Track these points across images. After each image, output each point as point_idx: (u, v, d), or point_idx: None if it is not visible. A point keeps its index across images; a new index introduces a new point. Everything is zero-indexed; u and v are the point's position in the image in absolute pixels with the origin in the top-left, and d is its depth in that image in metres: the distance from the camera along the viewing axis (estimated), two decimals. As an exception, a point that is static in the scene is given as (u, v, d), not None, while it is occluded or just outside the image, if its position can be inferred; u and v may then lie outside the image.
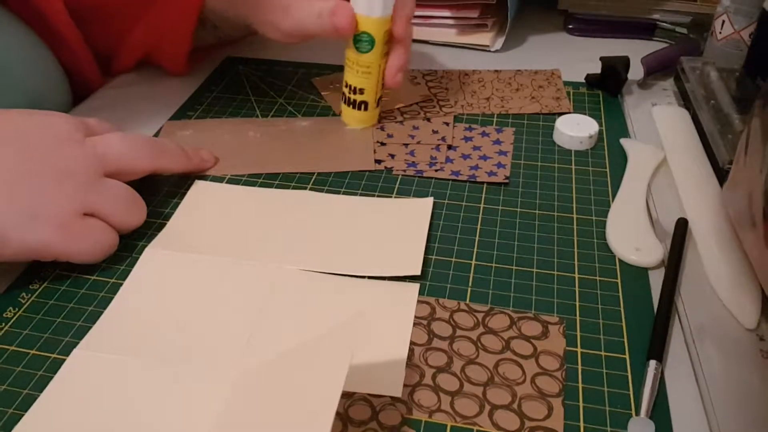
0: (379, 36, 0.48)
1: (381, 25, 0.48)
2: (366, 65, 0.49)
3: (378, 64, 0.49)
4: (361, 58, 0.49)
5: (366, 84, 0.50)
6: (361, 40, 0.48)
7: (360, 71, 0.50)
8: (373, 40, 0.48)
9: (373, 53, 0.48)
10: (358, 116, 0.52)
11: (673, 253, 0.40)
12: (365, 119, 0.52)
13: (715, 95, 0.53)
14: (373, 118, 0.53)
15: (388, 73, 0.50)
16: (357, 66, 0.49)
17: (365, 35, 0.48)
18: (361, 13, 0.47)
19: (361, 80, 0.50)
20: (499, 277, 0.40)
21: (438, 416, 0.32)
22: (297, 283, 0.39)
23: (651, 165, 0.48)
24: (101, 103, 0.58)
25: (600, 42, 0.68)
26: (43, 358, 0.35)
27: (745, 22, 0.56)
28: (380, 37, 0.48)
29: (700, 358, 0.34)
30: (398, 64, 0.50)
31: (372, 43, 0.48)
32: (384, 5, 0.47)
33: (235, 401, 0.32)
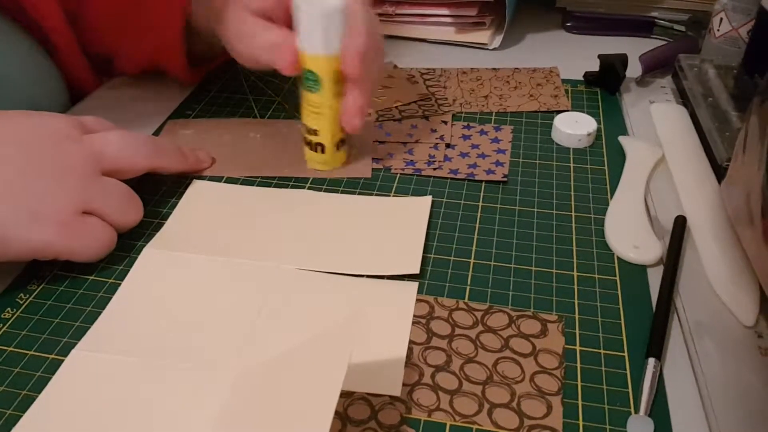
0: (327, 75, 0.43)
1: (327, 63, 0.43)
2: (316, 105, 0.45)
3: (329, 104, 0.45)
4: (311, 98, 0.45)
5: (318, 125, 0.46)
6: (308, 79, 0.44)
7: (311, 111, 0.45)
8: (318, 79, 0.43)
9: (321, 93, 0.44)
10: (316, 158, 0.48)
11: (671, 251, 0.40)
12: (325, 161, 0.48)
13: (713, 93, 0.53)
14: (335, 161, 0.48)
15: (343, 116, 0.45)
16: (308, 105, 0.45)
17: (310, 74, 0.44)
18: (304, 50, 0.43)
19: (314, 120, 0.46)
20: (497, 275, 0.40)
21: (437, 415, 0.32)
22: (295, 283, 0.39)
23: (649, 163, 0.48)
24: (99, 103, 0.58)
25: (598, 40, 0.68)
26: (42, 358, 0.35)
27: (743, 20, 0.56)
28: (328, 76, 0.43)
29: (698, 355, 0.34)
30: (354, 107, 0.45)
31: (317, 83, 0.44)
32: (325, 42, 0.42)
33: (234, 400, 0.32)
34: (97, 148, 0.41)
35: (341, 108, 0.45)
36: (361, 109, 0.45)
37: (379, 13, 0.68)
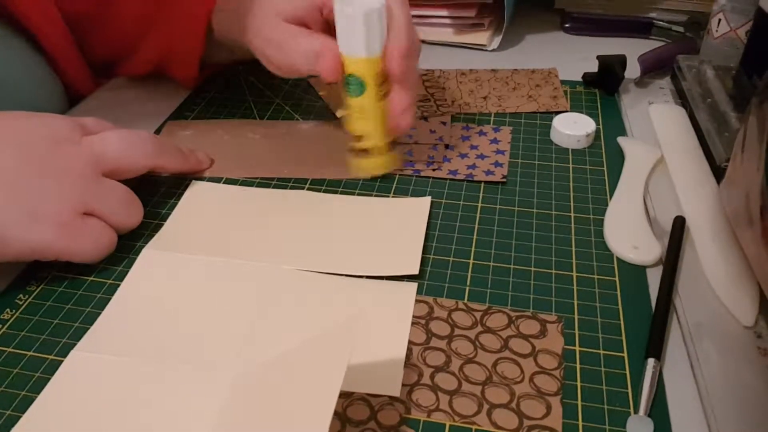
0: (369, 77, 0.43)
1: (369, 65, 0.42)
2: (360, 109, 0.44)
3: (374, 107, 0.44)
4: (354, 102, 0.44)
5: (365, 129, 0.45)
6: (350, 83, 0.43)
7: (356, 116, 0.45)
8: (362, 82, 0.43)
9: (365, 96, 0.43)
10: (364, 164, 0.47)
11: (670, 251, 0.40)
12: (373, 167, 0.47)
13: (712, 93, 0.53)
14: (382, 166, 0.47)
15: (391, 118, 0.45)
16: (352, 110, 0.45)
17: (353, 78, 0.43)
18: (346, 54, 0.42)
19: (359, 125, 0.45)
20: (497, 276, 0.40)
21: (436, 416, 0.32)
22: (295, 283, 0.39)
23: (648, 163, 0.48)
24: (98, 104, 0.58)
25: (597, 41, 0.68)
26: (41, 359, 0.35)
27: (742, 21, 0.56)
28: (370, 78, 0.43)
29: (698, 355, 0.34)
30: (400, 106, 0.44)
31: (361, 86, 0.43)
32: (367, 44, 0.42)
33: (234, 401, 0.32)
34: (96, 149, 0.41)
35: (388, 109, 0.45)
36: (409, 108, 0.45)
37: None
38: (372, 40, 0.42)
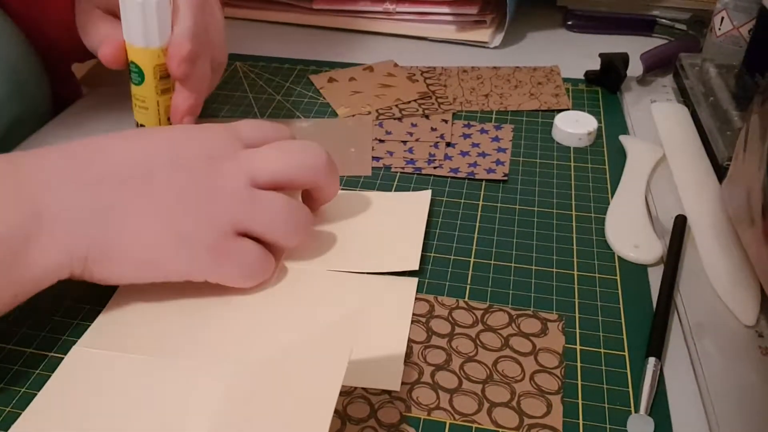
0: (149, 68, 0.43)
1: (147, 56, 0.42)
2: (141, 99, 0.44)
3: (155, 99, 0.44)
4: (136, 91, 0.44)
5: (145, 120, 0.45)
6: (132, 71, 0.44)
7: (138, 105, 0.45)
8: (141, 71, 0.43)
9: (144, 87, 0.44)
10: None
11: (672, 250, 0.40)
12: None
13: (714, 92, 0.52)
14: None
15: (172, 116, 0.44)
16: (135, 99, 0.45)
17: (133, 65, 0.43)
18: (128, 41, 0.43)
19: (140, 115, 0.45)
20: (497, 274, 0.40)
21: (437, 414, 0.32)
22: (295, 279, 0.39)
23: (650, 162, 0.48)
24: (98, 100, 0.58)
25: (599, 38, 0.68)
26: (41, 356, 0.35)
27: (744, 19, 0.56)
28: (150, 69, 0.43)
29: (699, 355, 0.34)
30: (182, 107, 0.44)
31: (141, 75, 0.43)
32: (145, 34, 0.42)
33: (234, 398, 0.32)
34: (254, 166, 0.37)
35: (171, 105, 0.45)
36: (189, 109, 0.44)
37: (379, 11, 0.68)
38: (149, 31, 0.42)
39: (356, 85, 0.59)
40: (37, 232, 0.33)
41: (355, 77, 0.60)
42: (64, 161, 0.35)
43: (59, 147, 0.36)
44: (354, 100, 0.57)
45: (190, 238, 0.35)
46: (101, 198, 0.35)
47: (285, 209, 0.37)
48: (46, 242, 0.33)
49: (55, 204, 0.34)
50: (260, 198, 0.37)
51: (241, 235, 0.36)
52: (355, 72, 0.61)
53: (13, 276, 0.33)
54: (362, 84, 0.59)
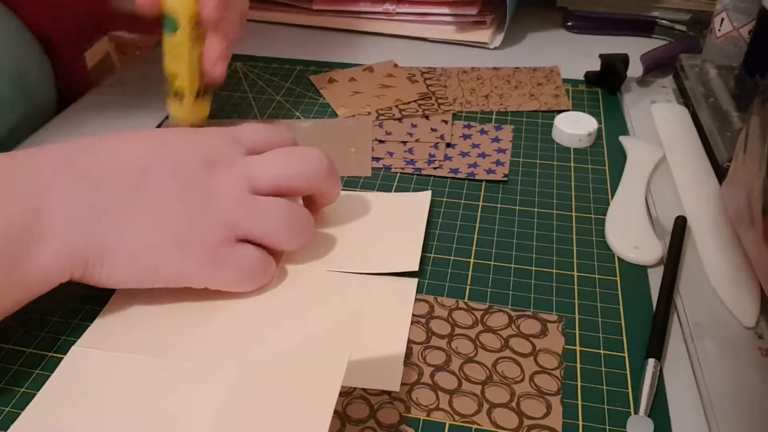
0: (183, 17, 0.44)
1: (182, 4, 0.44)
2: (175, 48, 0.45)
3: (187, 47, 0.45)
4: (169, 40, 0.45)
5: (177, 69, 0.46)
6: (166, 21, 0.45)
7: (170, 54, 0.46)
8: (175, 20, 0.44)
9: (177, 35, 0.45)
10: (177, 108, 0.48)
11: (672, 251, 0.40)
12: (185, 110, 0.48)
13: (714, 93, 0.52)
14: (194, 113, 0.48)
15: (206, 62, 0.46)
16: (167, 48, 0.46)
17: (168, 15, 0.44)
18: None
19: (172, 65, 0.46)
20: (497, 275, 0.40)
21: (436, 414, 0.32)
22: (295, 280, 0.39)
23: (650, 163, 0.48)
24: (99, 99, 0.58)
25: (599, 39, 0.68)
26: (40, 356, 0.35)
27: (744, 20, 0.56)
28: (184, 18, 0.44)
29: (698, 356, 0.34)
30: (214, 53, 0.45)
31: (174, 24, 0.44)
32: None
33: (234, 398, 0.32)
34: (254, 172, 0.37)
35: (204, 54, 0.46)
36: (221, 55, 0.45)
37: (379, 12, 0.68)
38: None
39: (356, 85, 0.59)
40: (39, 232, 0.33)
41: (355, 78, 0.60)
42: (62, 160, 0.35)
43: (57, 146, 0.36)
44: (354, 100, 0.57)
45: (188, 244, 0.35)
46: (101, 198, 0.35)
47: (285, 213, 0.37)
48: (47, 243, 0.33)
49: (56, 203, 0.34)
50: (260, 203, 0.37)
51: (240, 240, 0.36)
52: (355, 72, 0.61)
53: (16, 279, 0.33)
54: (362, 84, 0.59)
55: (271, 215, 0.37)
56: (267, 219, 0.37)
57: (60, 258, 0.33)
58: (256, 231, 0.37)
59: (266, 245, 0.37)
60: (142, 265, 0.35)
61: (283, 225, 0.37)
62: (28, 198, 0.33)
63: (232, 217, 0.36)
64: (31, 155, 0.36)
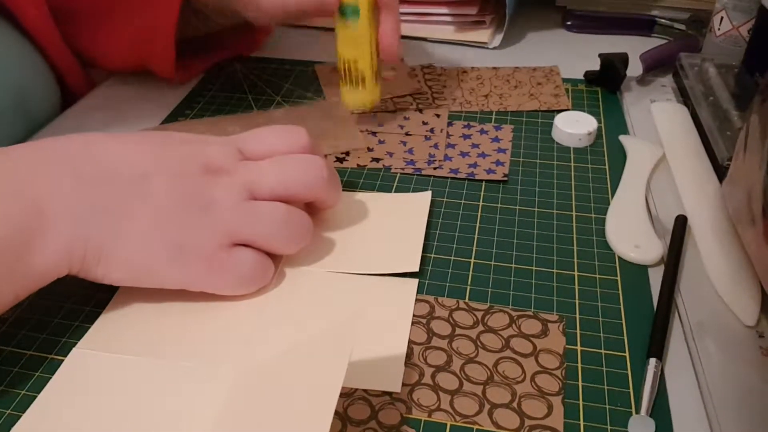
0: (364, 3, 0.47)
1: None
2: (355, 36, 0.48)
3: (368, 33, 0.48)
4: (350, 28, 0.47)
5: (358, 54, 0.48)
6: (346, 10, 0.47)
7: (351, 43, 0.48)
8: (356, 8, 0.47)
9: (360, 22, 0.47)
10: (357, 95, 0.50)
11: (672, 251, 0.40)
12: (365, 97, 0.50)
13: (714, 92, 0.52)
14: (373, 96, 0.51)
15: (384, 41, 0.48)
16: (347, 38, 0.48)
17: (349, 5, 0.47)
18: None
19: (353, 51, 0.48)
20: (498, 275, 0.40)
21: (437, 415, 0.32)
22: (295, 281, 0.39)
23: (650, 162, 0.48)
24: (97, 102, 0.58)
25: (598, 39, 0.68)
26: (41, 358, 0.35)
27: (744, 18, 0.56)
28: (365, 3, 0.47)
29: (700, 355, 0.34)
30: (391, 30, 0.48)
31: (356, 11, 0.47)
32: None
33: (234, 399, 0.32)
34: (252, 180, 0.37)
35: (380, 35, 0.48)
36: (396, 31, 0.48)
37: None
38: None
39: None
40: (39, 227, 0.33)
41: None
42: (63, 158, 0.35)
43: (58, 142, 0.36)
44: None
45: (185, 249, 0.35)
46: (101, 198, 0.35)
47: (284, 218, 0.37)
48: (47, 238, 0.33)
49: (56, 199, 0.34)
50: (258, 208, 0.37)
51: (238, 245, 0.36)
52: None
53: (16, 273, 0.33)
54: None
55: (269, 220, 0.37)
56: (265, 224, 0.37)
57: (59, 254, 0.34)
58: (255, 236, 0.37)
59: (265, 250, 0.37)
60: (138, 266, 0.35)
61: (282, 229, 0.37)
62: (28, 195, 0.33)
63: (230, 224, 0.36)
64: (28, 149, 0.36)
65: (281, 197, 0.38)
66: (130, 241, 0.35)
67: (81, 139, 0.36)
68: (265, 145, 0.40)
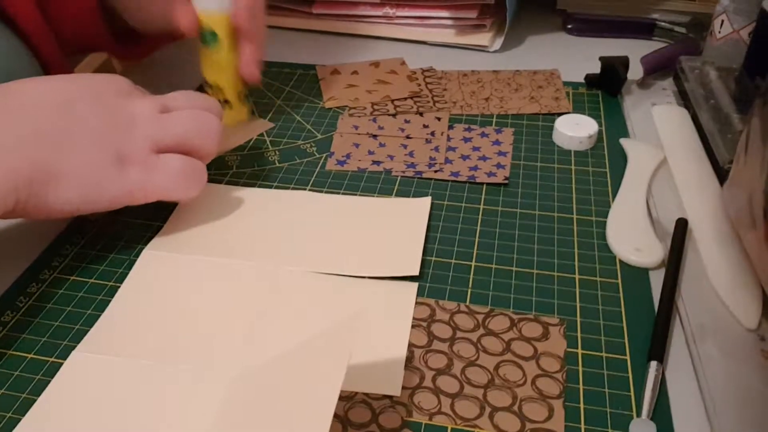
0: (222, 30, 0.48)
1: (221, 19, 0.48)
2: (216, 61, 0.49)
3: (228, 59, 0.49)
4: (211, 55, 0.49)
5: (220, 79, 0.50)
6: (205, 37, 0.48)
7: (213, 68, 0.50)
8: (215, 35, 0.48)
9: (219, 49, 0.48)
10: (225, 113, 0.50)
11: (673, 254, 0.40)
12: (232, 116, 0.52)
13: (715, 95, 0.52)
14: (240, 114, 0.53)
15: (242, 68, 0.50)
16: (209, 62, 0.50)
17: (208, 31, 0.48)
18: (201, 9, 0.48)
19: (216, 76, 0.50)
20: (499, 278, 0.40)
21: (438, 418, 0.32)
22: (295, 284, 0.39)
23: (651, 165, 0.48)
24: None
25: (599, 42, 0.68)
26: (41, 361, 0.35)
27: (744, 22, 0.56)
28: (224, 31, 0.48)
29: (701, 358, 0.34)
30: (250, 58, 0.49)
31: (215, 38, 0.48)
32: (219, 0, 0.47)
33: (234, 402, 0.32)
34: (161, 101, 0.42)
35: (240, 61, 0.50)
36: (257, 60, 0.50)
37: (379, 16, 0.68)
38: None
39: (356, 78, 0.60)
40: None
41: (357, 71, 0.61)
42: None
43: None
44: (345, 92, 0.58)
45: (123, 158, 0.38)
46: (36, 123, 0.37)
47: (195, 119, 0.42)
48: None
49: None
50: (172, 117, 0.41)
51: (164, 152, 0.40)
52: (360, 66, 0.62)
53: None
54: (362, 78, 0.60)
55: (182, 122, 0.41)
56: (179, 126, 0.41)
57: (3, 179, 0.34)
58: (176, 141, 0.40)
59: (189, 153, 0.41)
60: (87, 183, 0.37)
61: (194, 128, 0.41)
62: None
63: (153, 132, 0.40)
64: None
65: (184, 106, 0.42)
66: (76, 158, 0.37)
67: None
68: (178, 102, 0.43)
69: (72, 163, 0.37)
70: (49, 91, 0.39)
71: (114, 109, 0.40)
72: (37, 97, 0.38)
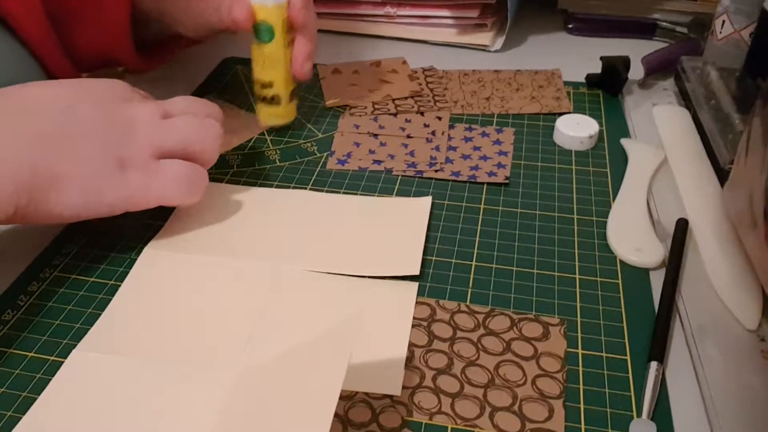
0: (278, 24, 0.47)
1: (277, 12, 0.47)
2: (270, 56, 0.48)
3: (282, 54, 0.48)
4: (265, 49, 0.48)
5: (273, 76, 0.49)
6: (261, 31, 0.47)
7: (265, 63, 0.49)
8: (271, 29, 0.47)
9: (274, 43, 0.48)
10: (271, 111, 0.51)
11: (673, 254, 0.40)
12: (279, 114, 0.51)
13: (716, 95, 0.52)
14: (288, 113, 0.52)
15: (295, 63, 0.49)
16: (262, 58, 0.49)
17: (263, 25, 0.47)
18: (257, 2, 0.47)
19: (268, 73, 0.49)
20: (499, 278, 0.40)
21: (438, 418, 0.32)
22: (296, 283, 0.39)
23: (652, 165, 0.48)
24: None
25: (600, 42, 0.68)
26: (42, 360, 0.35)
27: (745, 22, 0.56)
28: (279, 25, 0.47)
29: (701, 358, 0.34)
30: (303, 53, 0.49)
31: (271, 33, 0.47)
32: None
33: (234, 401, 0.32)
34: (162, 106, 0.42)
35: (293, 56, 0.49)
36: (310, 55, 0.49)
37: (380, 15, 0.68)
38: None
39: (357, 78, 0.60)
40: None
41: (359, 71, 0.61)
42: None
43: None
44: (346, 92, 0.58)
45: (124, 163, 0.38)
46: (37, 126, 0.36)
47: (196, 124, 0.41)
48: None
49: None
50: (172, 122, 0.41)
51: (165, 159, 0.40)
52: (361, 66, 0.62)
53: None
54: (363, 78, 0.60)
55: (182, 128, 0.41)
56: (183, 132, 0.41)
57: (3, 184, 0.34)
58: (176, 146, 0.40)
59: (187, 157, 0.41)
60: (88, 188, 0.37)
61: (194, 133, 0.41)
62: None
63: (154, 137, 0.40)
64: None
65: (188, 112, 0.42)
66: (77, 163, 0.37)
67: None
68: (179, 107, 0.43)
69: (73, 168, 0.37)
70: (50, 95, 0.38)
71: (115, 114, 0.39)
72: (38, 101, 0.38)
